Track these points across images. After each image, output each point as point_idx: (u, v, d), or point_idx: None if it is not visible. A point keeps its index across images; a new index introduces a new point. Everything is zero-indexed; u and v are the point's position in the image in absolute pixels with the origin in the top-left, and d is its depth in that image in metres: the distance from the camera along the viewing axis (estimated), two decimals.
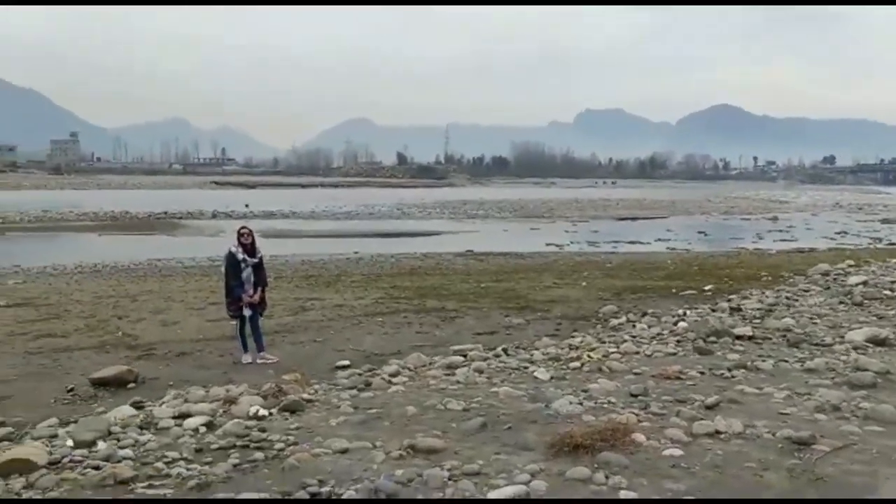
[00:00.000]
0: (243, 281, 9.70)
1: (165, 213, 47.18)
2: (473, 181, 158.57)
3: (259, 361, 9.61)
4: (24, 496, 4.69)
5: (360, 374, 8.26)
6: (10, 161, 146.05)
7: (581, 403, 6.65)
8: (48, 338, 11.36)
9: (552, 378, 7.92)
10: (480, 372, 8.22)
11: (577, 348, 9.64)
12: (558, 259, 24.82)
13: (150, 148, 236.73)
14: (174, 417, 6.27)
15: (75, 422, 6.59)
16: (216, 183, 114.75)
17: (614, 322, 11.98)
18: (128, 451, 5.34)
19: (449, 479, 4.84)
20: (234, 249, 9.77)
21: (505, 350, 9.59)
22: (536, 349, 9.72)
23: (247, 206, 54.69)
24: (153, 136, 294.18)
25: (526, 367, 8.50)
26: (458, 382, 7.80)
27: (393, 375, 8.06)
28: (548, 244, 31.05)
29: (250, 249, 9.78)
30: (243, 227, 10.17)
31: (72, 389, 8.32)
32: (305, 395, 6.94)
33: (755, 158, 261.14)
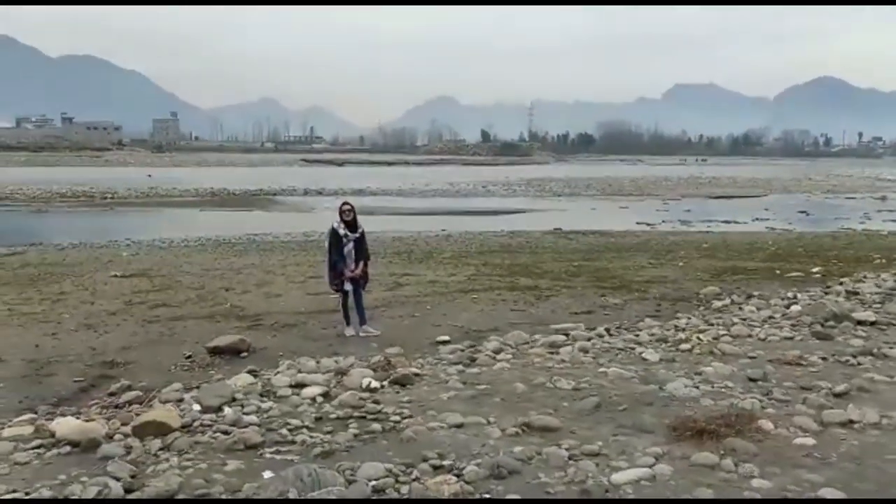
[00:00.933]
0: (345, 256, 9.86)
1: (260, 189, 48.71)
2: (558, 158, 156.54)
3: (362, 335, 9.79)
4: (161, 457, 4.94)
5: (462, 350, 8.28)
6: (117, 140, 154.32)
7: (697, 387, 6.46)
8: (163, 307, 11.92)
9: (661, 360, 7.71)
10: (585, 351, 8.10)
11: (683, 330, 9.37)
12: (651, 238, 24.20)
13: (243, 127, 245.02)
14: (291, 386, 6.47)
15: (198, 387, 6.91)
16: (305, 161, 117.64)
17: (717, 304, 11.58)
18: (252, 418, 5.55)
19: (569, 459, 4.79)
20: (336, 225, 9.95)
21: (608, 330, 9.43)
22: (640, 330, 9.51)
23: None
24: (246, 115, 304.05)
25: (632, 348, 8.32)
26: (564, 361, 7.71)
27: (496, 352, 8.04)
28: (638, 223, 30.34)
29: (352, 225, 9.93)
30: (345, 203, 10.33)
31: (190, 356, 8.71)
32: (413, 369, 7.02)
33: (860, 134, 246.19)
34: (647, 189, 56.44)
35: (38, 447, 5.04)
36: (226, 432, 5.27)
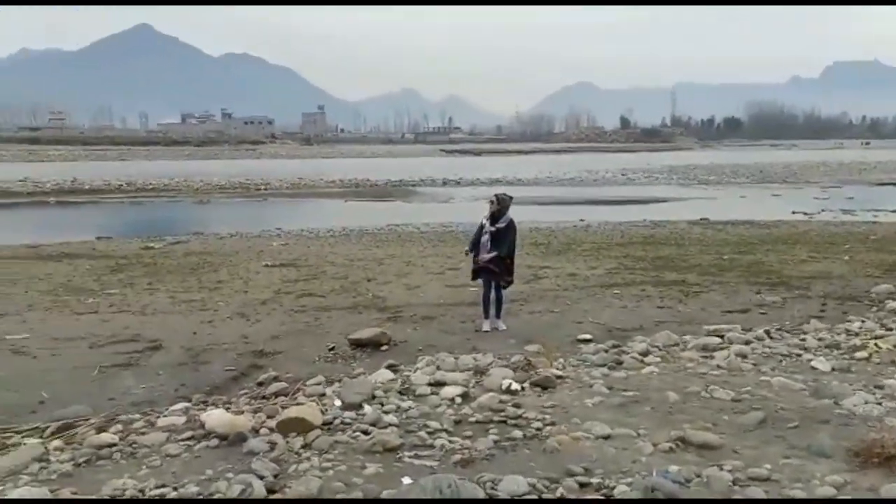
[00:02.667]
0: (479, 245, 9.71)
1: (401, 180, 49.79)
2: (702, 144, 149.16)
3: (491, 329, 9.61)
4: (303, 456, 4.95)
5: (606, 351, 7.85)
6: (271, 133, 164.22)
7: (880, 403, 5.70)
8: (309, 297, 12.29)
9: (834, 370, 6.92)
10: (744, 357, 7.43)
11: (856, 335, 8.40)
12: (810, 229, 22.30)
13: (384, 118, 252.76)
14: (430, 385, 6.36)
15: (339, 381, 6.96)
16: (444, 151, 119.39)
17: (893, 305, 10.36)
18: (392, 418, 5.47)
19: (733, 484, 4.30)
20: (485, 214, 9.85)
21: (768, 332, 8.63)
22: (806, 333, 8.63)
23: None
24: (388, 107, 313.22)
25: (798, 355, 7.54)
26: (720, 367, 7.09)
27: (643, 354, 7.55)
28: (794, 212, 28.14)
29: (495, 216, 9.72)
30: (494, 195, 10.15)
31: (333, 348, 8.88)
32: (555, 371, 6.69)
33: None
34: (802, 175, 52.40)
35: (189, 439, 5.22)
36: (365, 432, 5.22)
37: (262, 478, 4.37)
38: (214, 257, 17.14)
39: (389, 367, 7.39)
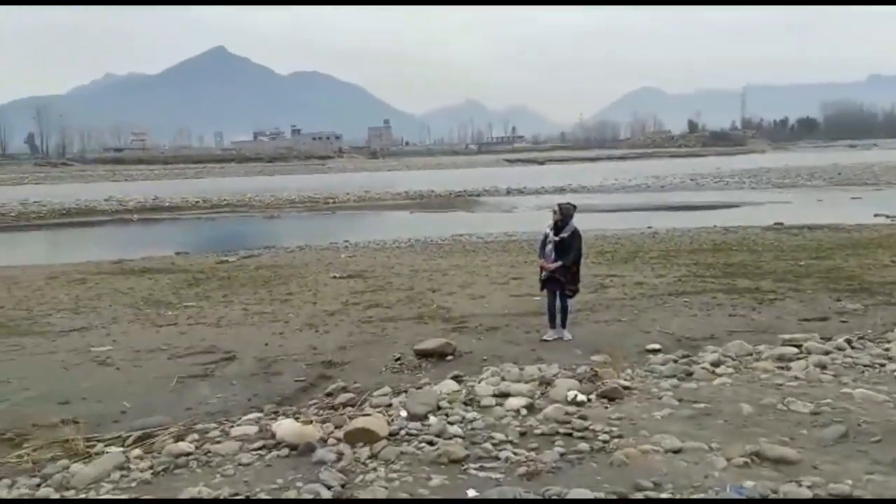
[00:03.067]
0: (545, 254, 9.66)
1: (464, 191, 49.98)
2: (775, 146, 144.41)
3: (556, 338, 9.52)
4: (369, 466, 5.01)
5: (675, 361, 7.66)
6: (338, 148, 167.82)
7: None
8: (376, 308, 12.46)
9: None
10: (823, 367, 7.12)
11: None
12: (893, 233, 21.26)
13: (449, 130, 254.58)
14: (494, 396, 6.34)
15: (405, 391, 7.02)
16: (507, 160, 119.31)
17: None
18: (456, 429, 5.48)
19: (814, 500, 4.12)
20: (548, 224, 9.80)
21: (849, 342, 8.25)
22: (890, 342, 8.22)
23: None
24: (452, 119, 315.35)
25: (882, 365, 7.18)
26: (797, 379, 6.82)
27: (715, 364, 7.32)
28: (876, 215, 26.88)
29: (559, 226, 9.66)
30: (557, 204, 10.10)
31: (399, 358, 8.95)
32: (622, 381, 6.57)
33: None
34: (884, 177, 50.00)
35: (261, 448, 5.36)
36: (431, 443, 5.25)
37: (329, 487, 4.45)
38: (285, 270, 17.58)
39: (454, 377, 7.41)
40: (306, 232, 30.38)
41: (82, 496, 4.72)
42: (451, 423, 5.62)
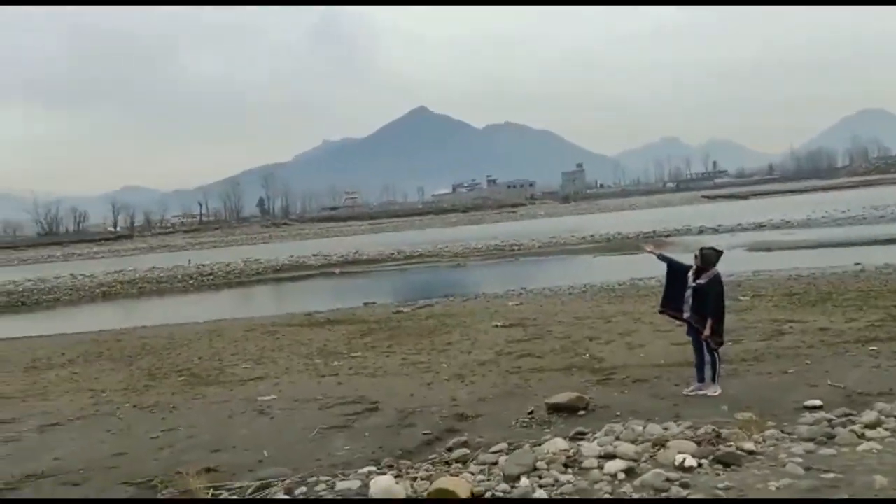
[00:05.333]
0: (684, 299, 9.11)
1: (653, 231, 48.18)
2: None
3: (699, 392, 8.82)
4: None
5: (829, 421, 6.76)
6: (530, 194, 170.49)
7: None
8: (527, 357, 12.36)
9: None
10: None
11: None
12: None
13: (644, 170, 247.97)
14: (600, 457, 6.02)
15: (520, 447, 6.88)
16: (706, 197, 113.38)
17: None
18: (542, 493, 5.27)
19: None
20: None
21: None
22: None
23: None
24: (648, 157, 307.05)
25: None
26: None
27: (870, 426, 6.34)
28: None
29: (700, 271, 9.07)
30: (699, 249, 9.55)
31: (531, 413, 8.79)
32: (748, 445, 5.92)
33: None
34: None
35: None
36: None
37: None
38: (452, 319, 18.02)
39: (575, 434, 7.14)
40: (485, 280, 30.97)
41: None
42: (542, 487, 5.42)
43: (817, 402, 7.79)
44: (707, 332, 8.84)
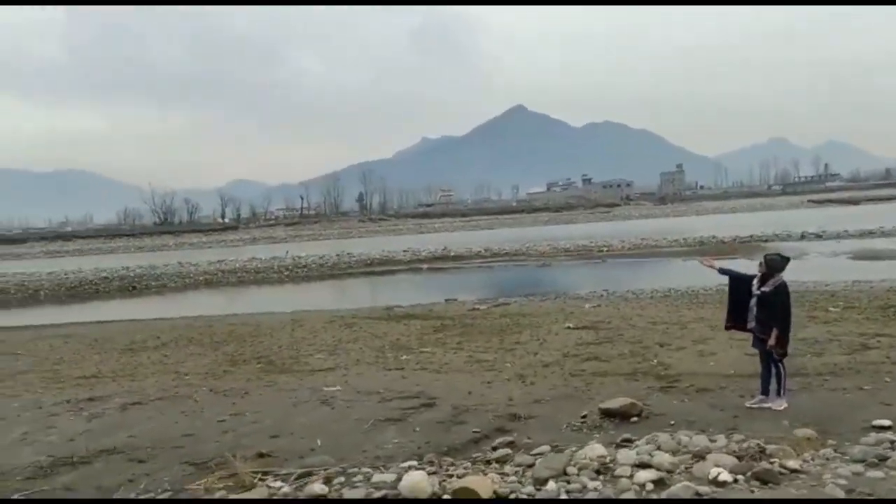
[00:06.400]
0: (748, 308, 8.76)
1: (751, 236, 46.14)
2: None
3: (763, 405, 8.46)
4: None
5: (892, 443, 6.37)
6: (625, 194, 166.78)
7: None
8: (593, 361, 12.20)
9: None
10: None
11: None
12: None
13: (748, 171, 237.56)
14: (634, 465, 5.92)
15: (561, 451, 6.86)
16: (813, 201, 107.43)
17: None
18: (565, 496, 5.25)
19: None
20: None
21: None
22: None
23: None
24: (752, 159, 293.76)
25: None
26: None
27: None
28: None
29: (764, 278, 8.72)
30: (764, 256, 9.20)
31: (584, 417, 8.71)
32: (791, 463, 5.67)
33: None
34: None
35: (380, 499, 5.66)
36: None
37: None
38: (525, 318, 17.97)
39: (623, 441, 7.05)
40: (568, 280, 30.65)
41: None
42: (569, 492, 5.39)
43: (886, 423, 7.35)
44: (772, 341, 8.48)
